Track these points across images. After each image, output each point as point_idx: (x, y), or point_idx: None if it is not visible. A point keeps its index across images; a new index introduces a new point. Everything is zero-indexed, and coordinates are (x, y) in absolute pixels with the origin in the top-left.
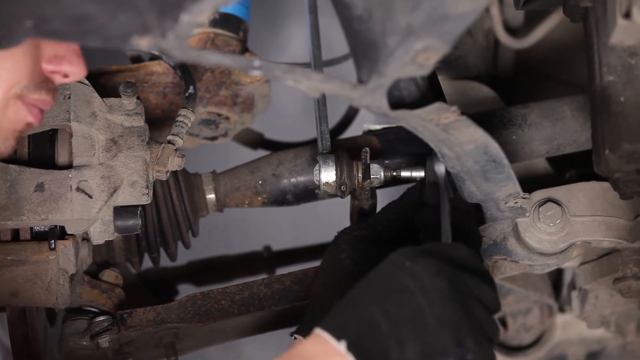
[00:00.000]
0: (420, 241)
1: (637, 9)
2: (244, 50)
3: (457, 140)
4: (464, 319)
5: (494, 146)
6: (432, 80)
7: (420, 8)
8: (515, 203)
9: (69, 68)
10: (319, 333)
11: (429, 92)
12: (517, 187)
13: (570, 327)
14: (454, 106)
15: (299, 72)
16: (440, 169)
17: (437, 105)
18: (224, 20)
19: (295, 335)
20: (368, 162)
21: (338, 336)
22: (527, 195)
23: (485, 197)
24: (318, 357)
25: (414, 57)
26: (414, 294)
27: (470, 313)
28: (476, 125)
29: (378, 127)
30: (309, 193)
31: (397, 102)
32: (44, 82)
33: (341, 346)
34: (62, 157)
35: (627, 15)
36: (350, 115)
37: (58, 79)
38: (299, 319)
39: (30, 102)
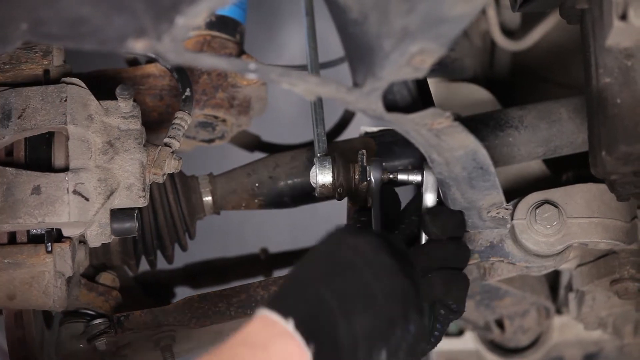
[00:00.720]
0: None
1: (634, 11)
2: (241, 52)
3: (448, 146)
4: (409, 293)
5: (483, 153)
6: (422, 85)
7: (416, 11)
8: (498, 213)
9: None
10: (264, 314)
11: (418, 97)
12: (501, 197)
13: (567, 329)
14: (447, 112)
15: (295, 75)
16: (376, 174)
17: (432, 110)
18: (220, 23)
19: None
20: (365, 164)
21: (285, 315)
22: (509, 206)
23: (468, 205)
24: (264, 339)
25: (410, 60)
26: (361, 269)
27: (414, 288)
28: (468, 131)
29: (375, 129)
30: (306, 195)
31: (391, 106)
32: None
33: (289, 325)
34: (58, 160)
35: (624, 17)
36: (347, 118)
37: None
38: None
39: None
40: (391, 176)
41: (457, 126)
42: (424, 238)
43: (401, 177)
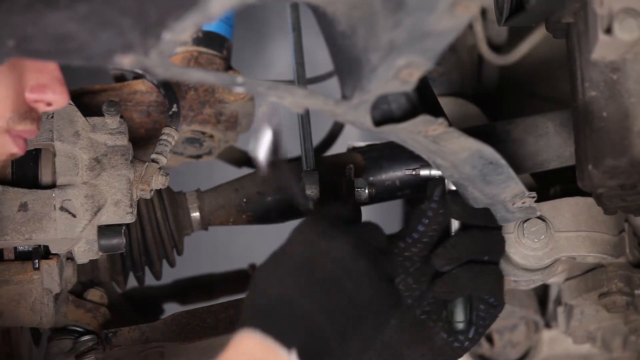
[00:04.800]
0: None
1: (618, 25)
2: (228, 68)
3: (450, 150)
4: (387, 296)
5: (488, 150)
6: (424, 90)
7: (402, 25)
8: (523, 203)
9: (53, 97)
10: (266, 342)
11: (419, 103)
12: (521, 186)
13: (556, 343)
14: (440, 118)
15: (283, 88)
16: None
17: (422, 118)
18: (207, 39)
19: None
20: (352, 178)
21: (288, 345)
22: (533, 194)
23: (491, 201)
24: None
25: (397, 74)
26: (342, 281)
27: (391, 290)
28: (466, 135)
29: (362, 144)
30: (294, 210)
31: (384, 116)
32: (28, 112)
33: (292, 356)
34: (45, 177)
35: (609, 30)
36: (334, 133)
37: (42, 108)
38: None
39: (15, 133)
40: (413, 172)
41: (453, 132)
42: (453, 231)
43: (423, 172)
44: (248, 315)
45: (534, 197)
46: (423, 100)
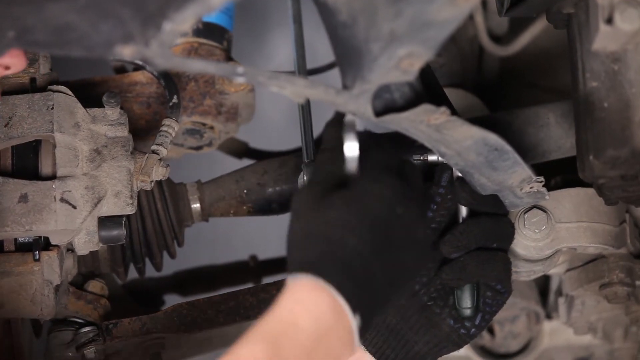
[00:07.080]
0: None
1: (619, 15)
2: (228, 59)
3: (453, 139)
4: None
5: (492, 137)
6: (428, 79)
7: (403, 15)
8: (531, 188)
9: (10, 60)
10: (337, 298)
11: (423, 92)
12: (528, 171)
13: (557, 334)
14: (442, 107)
15: (283, 78)
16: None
17: (423, 107)
18: (207, 30)
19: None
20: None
21: (343, 291)
22: (540, 178)
23: (498, 187)
24: (329, 328)
25: (398, 63)
26: (389, 223)
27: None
28: (469, 123)
29: None
30: None
31: (387, 105)
32: None
33: (354, 323)
34: (45, 168)
35: (609, 21)
36: None
37: (0, 72)
38: None
39: None
40: (421, 158)
41: (456, 120)
42: (461, 217)
43: (431, 158)
44: (298, 258)
45: (541, 182)
46: (427, 89)
